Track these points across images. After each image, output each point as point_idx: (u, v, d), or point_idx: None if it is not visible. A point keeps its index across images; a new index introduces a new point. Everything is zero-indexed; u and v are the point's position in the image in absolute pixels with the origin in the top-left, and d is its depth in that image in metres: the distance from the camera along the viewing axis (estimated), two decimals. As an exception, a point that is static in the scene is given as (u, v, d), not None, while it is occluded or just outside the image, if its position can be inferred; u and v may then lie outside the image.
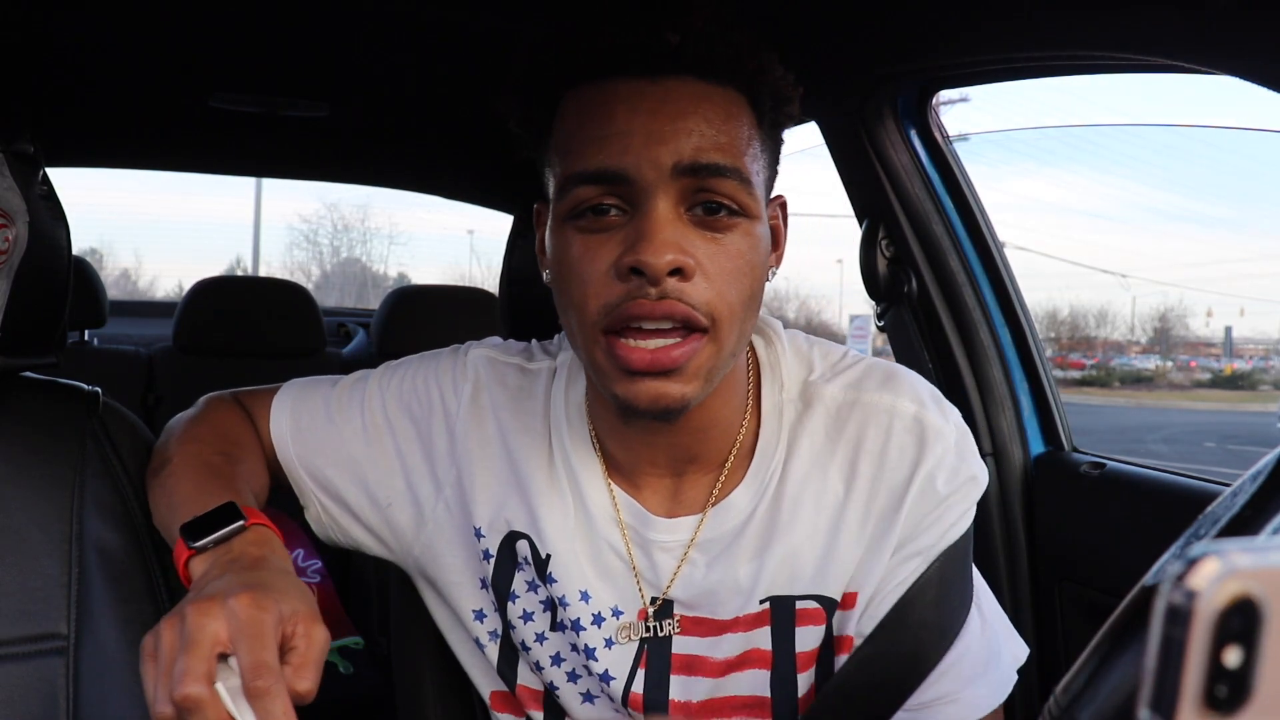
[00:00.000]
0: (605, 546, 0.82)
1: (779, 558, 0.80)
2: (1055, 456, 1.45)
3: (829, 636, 0.81)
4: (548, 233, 0.76)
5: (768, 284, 0.77)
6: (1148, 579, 0.38)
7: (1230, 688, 0.23)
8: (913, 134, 1.43)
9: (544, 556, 0.82)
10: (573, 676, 0.85)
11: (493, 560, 0.84)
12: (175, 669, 0.59)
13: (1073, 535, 1.38)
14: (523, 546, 0.83)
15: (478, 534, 0.85)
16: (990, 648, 0.85)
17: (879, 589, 0.81)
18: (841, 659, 0.82)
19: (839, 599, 0.81)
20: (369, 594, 2.25)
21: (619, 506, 0.82)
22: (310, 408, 0.90)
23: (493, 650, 0.88)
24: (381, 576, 1.98)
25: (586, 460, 0.83)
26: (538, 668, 0.86)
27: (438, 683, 0.99)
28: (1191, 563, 0.24)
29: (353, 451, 0.87)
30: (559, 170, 0.72)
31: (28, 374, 0.94)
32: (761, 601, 0.80)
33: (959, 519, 0.81)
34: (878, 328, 1.59)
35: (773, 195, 0.78)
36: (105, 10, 1.38)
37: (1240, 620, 0.23)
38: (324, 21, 1.41)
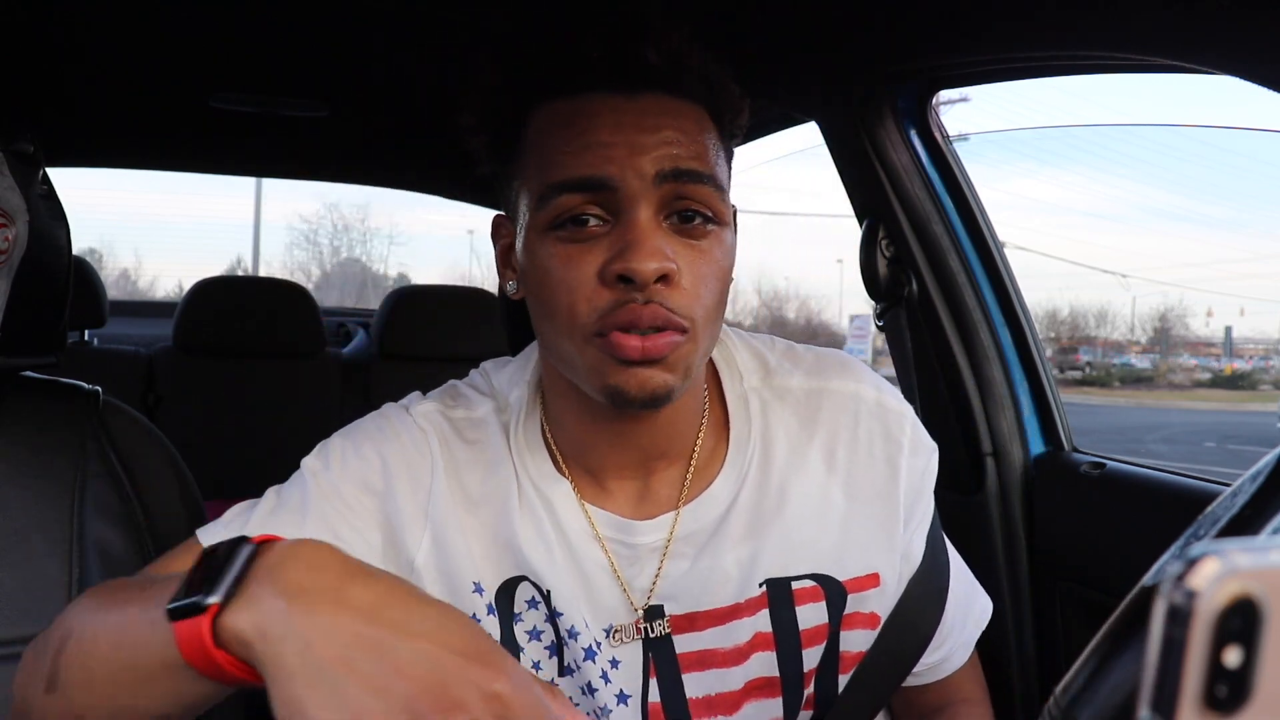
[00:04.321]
0: (593, 566, 0.82)
1: (771, 542, 0.82)
2: (1055, 456, 1.45)
3: (836, 614, 0.84)
4: (520, 244, 0.77)
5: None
6: (1148, 579, 0.38)
7: (1230, 688, 0.24)
8: (913, 134, 1.43)
9: (545, 592, 0.81)
10: None
11: (495, 614, 0.82)
12: None
13: (1073, 535, 1.38)
14: (525, 589, 0.82)
15: (478, 589, 0.82)
16: (965, 592, 0.95)
17: (908, 565, 0.87)
18: (853, 634, 0.85)
19: (844, 579, 0.84)
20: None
21: (594, 522, 0.82)
22: (256, 523, 0.79)
23: None
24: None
25: (555, 485, 0.83)
26: None
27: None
28: (1191, 563, 0.24)
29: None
30: (537, 180, 0.74)
31: (28, 374, 0.94)
32: (760, 585, 0.83)
33: (932, 479, 0.89)
34: (877, 328, 1.59)
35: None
36: (105, 10, 1.38)
37: (1240, 620, 0.23)
38: (324, 21, 1.41)
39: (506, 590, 0.82)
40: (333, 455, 0.82)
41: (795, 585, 0.83)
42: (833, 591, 0.84)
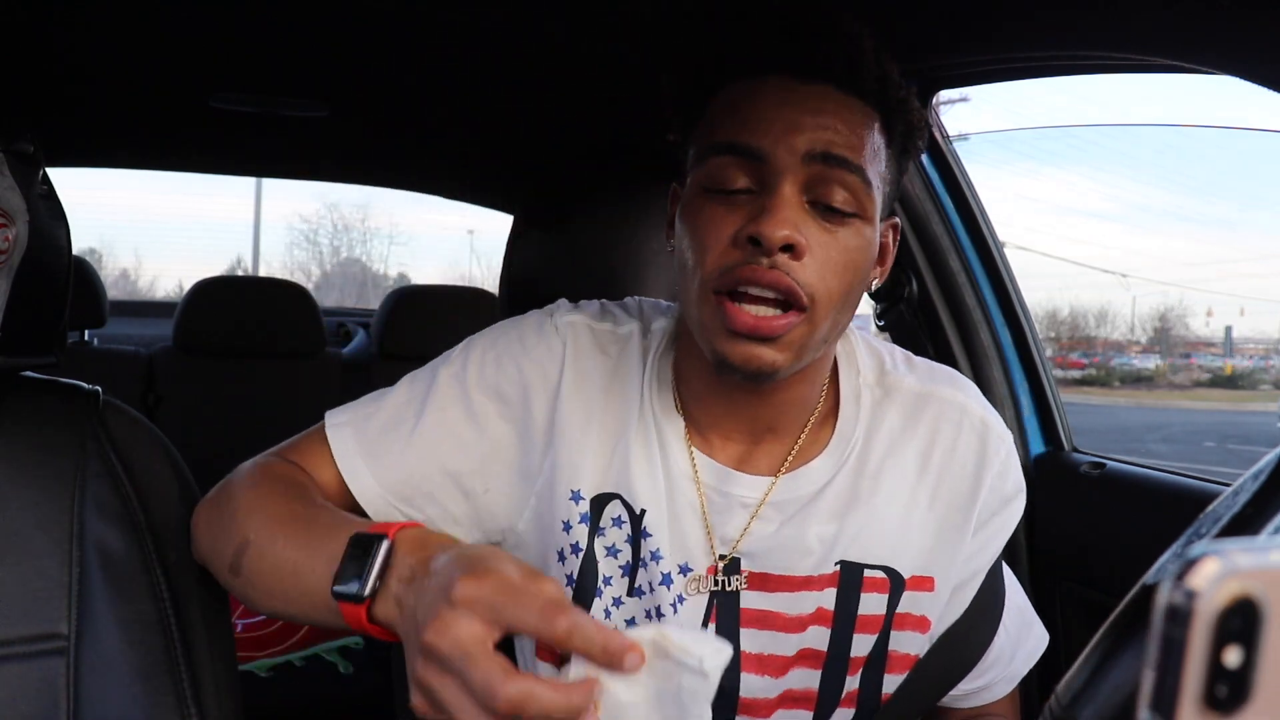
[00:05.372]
0: (684, 504, 0.85)
1: (855, 525, 0.85)
2: (1055, 456, 1.45)
3: (891, 609, 0.87)
4: (682, 203, 0.82)
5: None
6: (1148, 579, 0.38)
7: (1230, 688, 0.23)
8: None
9: (639, 512, 0.85)
10: None
11: (588, 523, 0.86)
12: (478, 687, 0.55)
13: (1073, 535, 1.38)
14: (614, 507, 0.86)
15: (576, 497, 0.86)
16: (1019, 628, 0.96)
17: (963, 580, 0.89)
18: (903, 634, 0.87)
19: (906, 576, 0.86)
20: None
21: (697, 466, 0.86)
22: (375, 424, 0.87)
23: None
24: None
25: (671, 421, 0.87)
26: None
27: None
28: (1191, 562, 0.24)
29: (438, 450, 0.86)
30: (702, 143, 0.79)
31: (28, 374, 0.94)
32: (835, 564, 0.85)
33: (1013, 518, 0.91)
34: (878, 328, 1.59)
35: (888, 216, 0.84)
36: (105, 10, 1.38)
37: (1240, 620, 0.23)
38: (324, 21, 1.41)
39: (598, 503, 0.86)
40: (471, 362, 0.89)
41: (867, 573, 0.86)
42: (896, 586, 0.86)
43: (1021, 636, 0.97)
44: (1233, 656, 0.23)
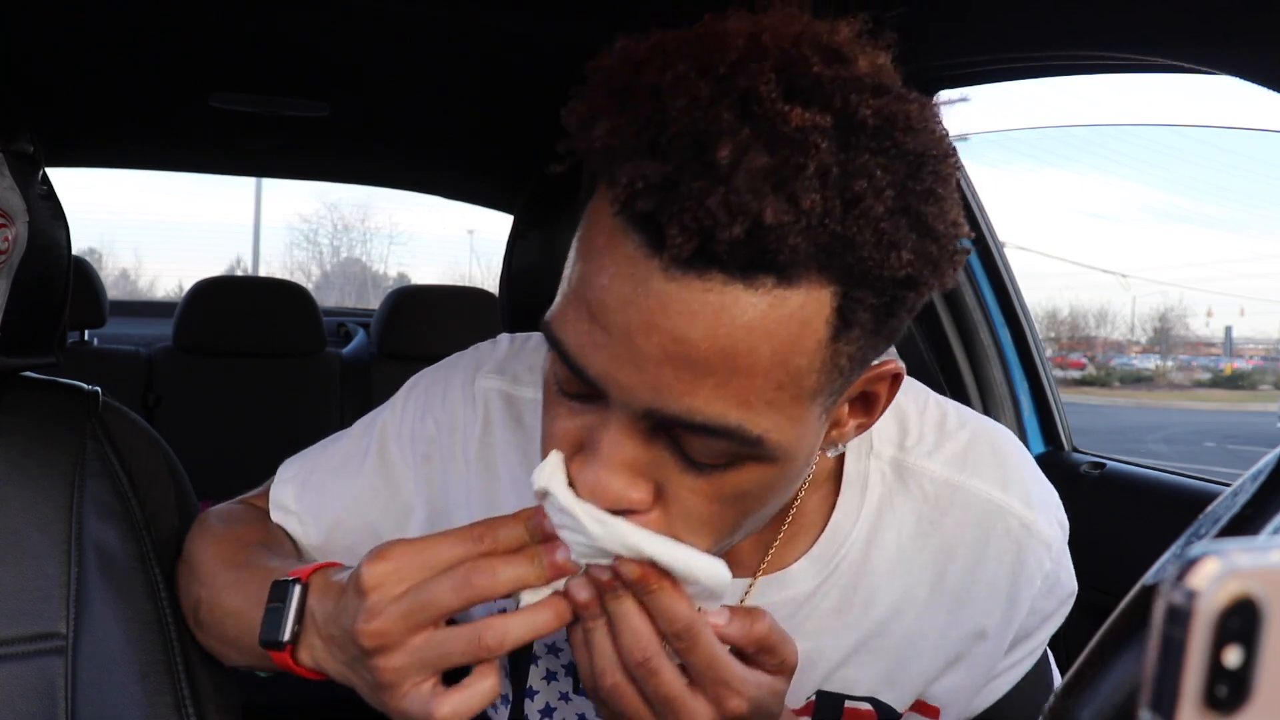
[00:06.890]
0: None
1: (839, 648, 0.71)
2: (1055, 456, 1.45)
3: None
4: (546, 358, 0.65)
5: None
6: (1148, 579, 0.38)
7: (1230, 688, 0.23)
8: (913, 134, 1.43)
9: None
10: None
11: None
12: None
13: (1073, 535, 1.37)
14: None
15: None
16: None
17: (972, 707, 0.77)
18: None
19: (901, 710, 0.73)
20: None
21: None
22: (316, 478, 0.83)
23: (503, 714, 0.82)
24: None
25: None
26: None
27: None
28: (1191, 562, 0.24)
29: (368, 511, 0.80)
30: (557, 297, 0.57)
31: (27, 374, 0.94)
32: (809, 696, 0.72)
33: (1059, 620, 0.77)
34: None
35: (878, 363, 0.58)
36: (105, 10, 1.38)
37: (1240, 620, 0.23)
38: (324, 21, 1.41)
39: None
40: (407, 415, 0.80)
41: (849, 704, 0.72)
42: (886, 716, 0.73)
43: None
44: (1233, 656, 0.23)
